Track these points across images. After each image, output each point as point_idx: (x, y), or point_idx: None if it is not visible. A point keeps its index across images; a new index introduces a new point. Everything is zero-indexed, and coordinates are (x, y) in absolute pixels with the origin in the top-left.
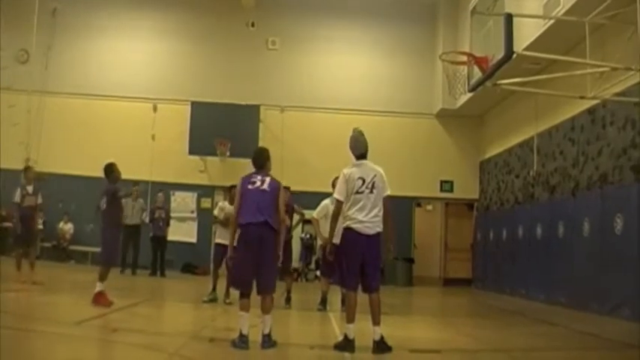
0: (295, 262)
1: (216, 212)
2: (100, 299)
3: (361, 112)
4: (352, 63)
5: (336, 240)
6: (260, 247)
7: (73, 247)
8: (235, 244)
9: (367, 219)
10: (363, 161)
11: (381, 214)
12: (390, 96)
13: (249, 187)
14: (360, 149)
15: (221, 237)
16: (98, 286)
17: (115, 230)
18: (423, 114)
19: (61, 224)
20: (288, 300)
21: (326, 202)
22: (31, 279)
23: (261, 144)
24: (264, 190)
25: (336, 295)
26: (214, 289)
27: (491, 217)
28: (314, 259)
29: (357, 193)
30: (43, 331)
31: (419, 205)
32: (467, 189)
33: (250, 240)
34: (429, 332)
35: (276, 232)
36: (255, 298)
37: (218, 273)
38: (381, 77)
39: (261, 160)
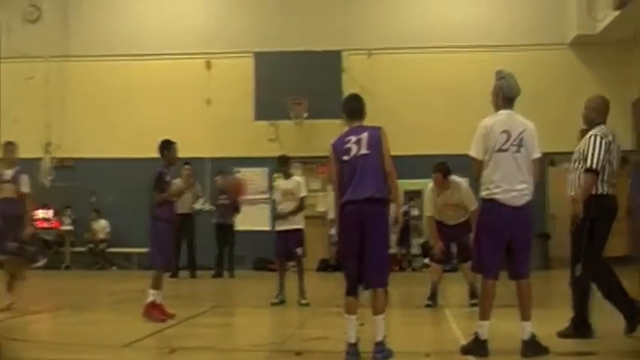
0: (392, 248)
1: (274, 196)
2: (152, 312)
3: (470, 48)
4: None
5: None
6: (365, 228)
7: (112, 250)
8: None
9: (514, 186)
10: (510, 111)
11: (530, 180)
12: (506, 24)
13: (345, 157)
14: (512, 92)
15: (282, 223)
16: (151, 295)
17: (165, 225)
18: (551, 44)
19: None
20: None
21: (428, 189)
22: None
23: None
24: (363, 156)
25: (450, 285)
26: (282, 288)
27: None
28: (420, 242)
29: (500, 151)
30: None
31: (553, 163)
32: (618, 138)
33: (352, 222)
34: None
35: (385, 205)
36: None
37: (285, 267)
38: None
39: (359, 107)
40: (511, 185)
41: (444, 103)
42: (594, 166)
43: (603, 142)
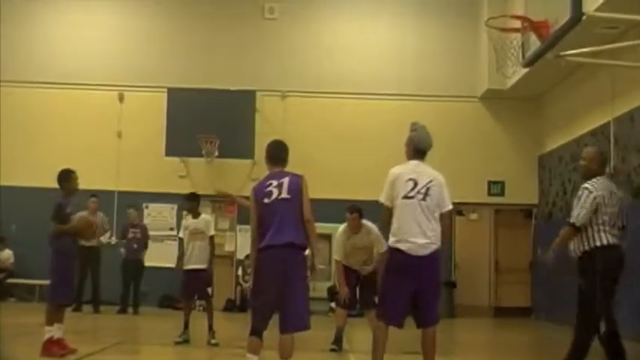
0: None
1: (181, 234)
2: (51, 348)
3: (384, 96)
4: (371, 33)
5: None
6: (285, 273)
7: (13, 281)
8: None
9: (419, 235)
10: (419, 161)
11: (437, 229)
12: (420, 75)
13: (265, 201)
14: (422, 144)
15: (189, 262)
16: (47, 332)
17: (65, 257)
18: (463, 97)
19: None
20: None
21: (339, 232)
22: None
23: (258, 139)
24: (284, 200)
25: (355, 330)
26: (186, 326)
27: (555, 227)
28: (326, 286)
29: (406, 198)
30: None
31: (461, 213)
32: (522, 191)
33: (271, 266)
34: None
35: (304, 251)
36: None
37: (191, 306)
38: (409, 51)
39: (282, 154)
40: (417, 234)
41: (355, 149)
42: (573, 220)
43: (590, 198)
